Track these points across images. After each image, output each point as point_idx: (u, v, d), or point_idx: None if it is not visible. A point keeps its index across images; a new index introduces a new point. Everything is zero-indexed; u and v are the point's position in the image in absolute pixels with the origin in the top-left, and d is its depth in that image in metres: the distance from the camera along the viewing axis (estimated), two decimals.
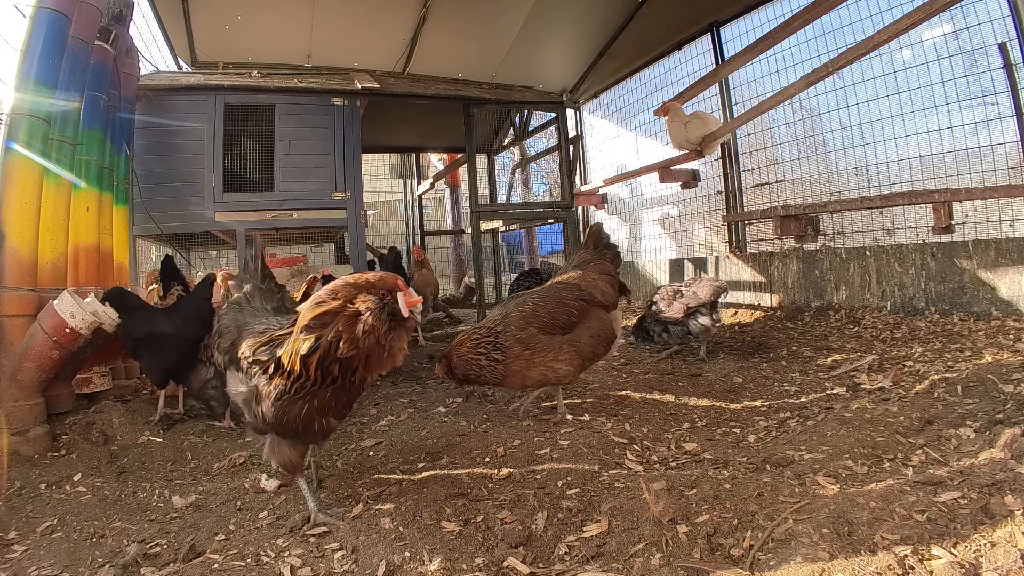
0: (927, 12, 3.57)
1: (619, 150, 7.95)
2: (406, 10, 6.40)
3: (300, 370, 1.68)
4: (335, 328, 1.65)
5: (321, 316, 1.67)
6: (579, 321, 2.81)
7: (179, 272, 3.99)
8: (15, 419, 2.56)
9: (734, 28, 5.92)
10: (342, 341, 1.64)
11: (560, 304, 2.80)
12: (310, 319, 1.68)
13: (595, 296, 2.89)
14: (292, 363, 1.68)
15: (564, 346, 2.72)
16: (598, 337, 2.84)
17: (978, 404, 2.31)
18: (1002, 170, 3.83)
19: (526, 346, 2.67)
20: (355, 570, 1.56)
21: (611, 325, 2.92)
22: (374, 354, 1.68)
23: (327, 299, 1.69)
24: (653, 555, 1.46)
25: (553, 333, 2.74)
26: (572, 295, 2.85)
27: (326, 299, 1.69)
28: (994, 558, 1.24)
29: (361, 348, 1.65)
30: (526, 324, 2.72)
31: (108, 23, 3.60)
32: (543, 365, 2.69)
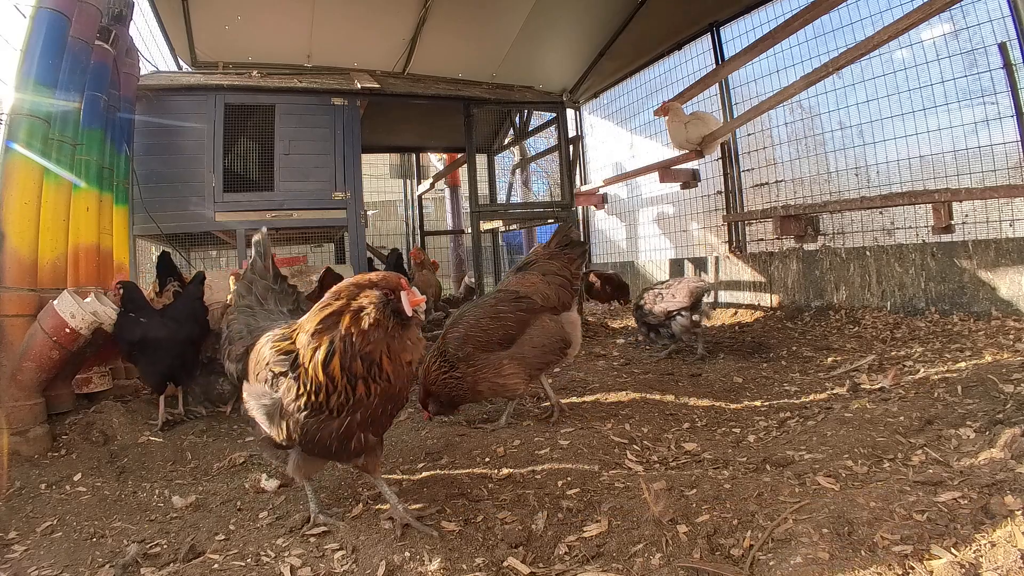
0: (927, 12, 3.57)
1: (619, 150, 7.95)
2: (406, 10, 6.40)
3: (324, 379, 1.61)
4: (343, 326, 1.62)
5: (327, 318, 1.64)
6: (519, 333, 2.71)
7: (176, 268, 3.98)
8: (15, 419, 2.56)
9: (734, 28, 5.92)
10: (354, 336, 1.61)
11: (495, 319, 2.71)
12: (316, 323, 1.65)
13: (536, 302, 2.76)
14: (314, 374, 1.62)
15: (505, 361, 2.67)
16: (545, 347, 2.73)
17: (978, 404, 2.31)
18: (1002, 170, 3.83)
19: (468, 364, 2.66)
20: (355, 570, 1.56)
21: (561, 331, 2.78)
22: (391, 346, 1.65)
23: (330, 301, 1.67)
24: (653, 555, 1.46)
25: (491, 350, 2.68)
26: (509, 307, 2.74)
27: (329, 301, 1.68)
28: (994, 558, 1.24)
29: (374, 341, 1.62)
30: (463, 343, 2.69)
31: (108, 23, 3.60)
32: (489, 381, 2.67)
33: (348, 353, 1.61)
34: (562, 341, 2.79)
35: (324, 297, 1.71)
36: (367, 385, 1.64)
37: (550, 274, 2.87)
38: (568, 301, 2.87)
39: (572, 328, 2.84)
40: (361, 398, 1.64)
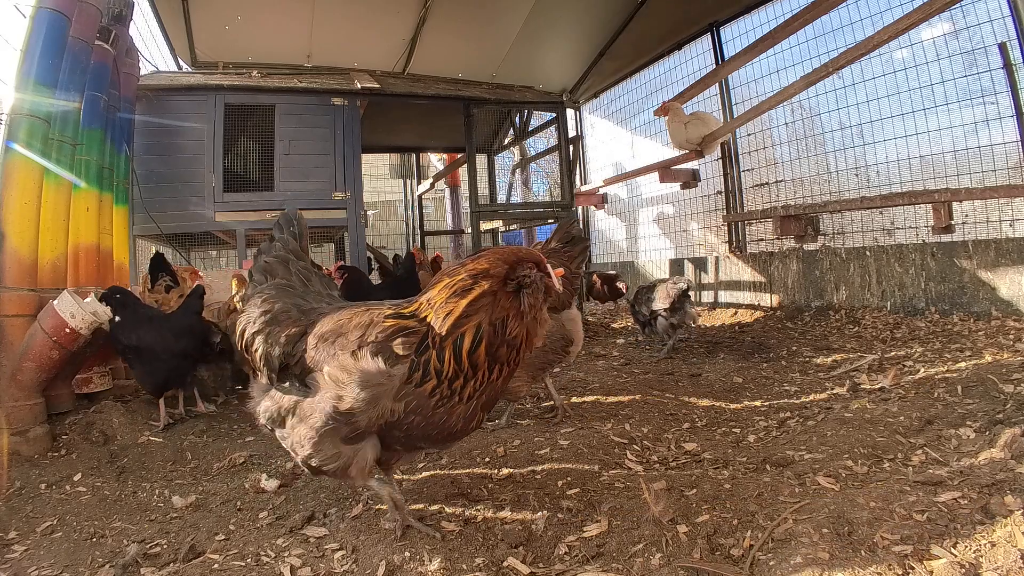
0: (927, 12, 3.57)
1: (619, 150, 7.95)
2: (406, 10, 6.40)
3: (467, 367, 1.47)
4: (496, 309, 1.48)
5: (477, 300, 1.48)
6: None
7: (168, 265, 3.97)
8: (15, 419, 2.56)
9: (734, 28, 5.92)
10: (509, 320, 1.48)
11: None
12: (465, 306, 1.48)
13: None
14: (453, 362, 1.46)
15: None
16: (546, 346, 2.67)
17: (978, 404, 2.31)
18: (1002, 170, 3.83)
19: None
20: (355, 570, 1.56)
21: (561, 328, 2.76)
22: (532, 329, 1.55)
23: (478, 279, 1.51)
24: (653, 555, 1.46)
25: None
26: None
27: (476, 279, 1.51)
28: (994, 558, 1.24)
29: (524, 324, 1.51)
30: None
31: (108, 23, 3.60)
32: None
33: (497, 339, 1.48)
34: (563, 339, 2.78)
35: (460, 273, 1.55)
36: (502, 370, 1.52)
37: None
38: (568, 299, 2.86)
39: (573, 325, 2.83)
40: (492, 382, 1.52)
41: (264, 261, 1.96)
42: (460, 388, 1.49)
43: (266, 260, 1.96)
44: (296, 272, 1.93)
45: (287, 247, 1.99)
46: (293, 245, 2.01)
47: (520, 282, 1.51)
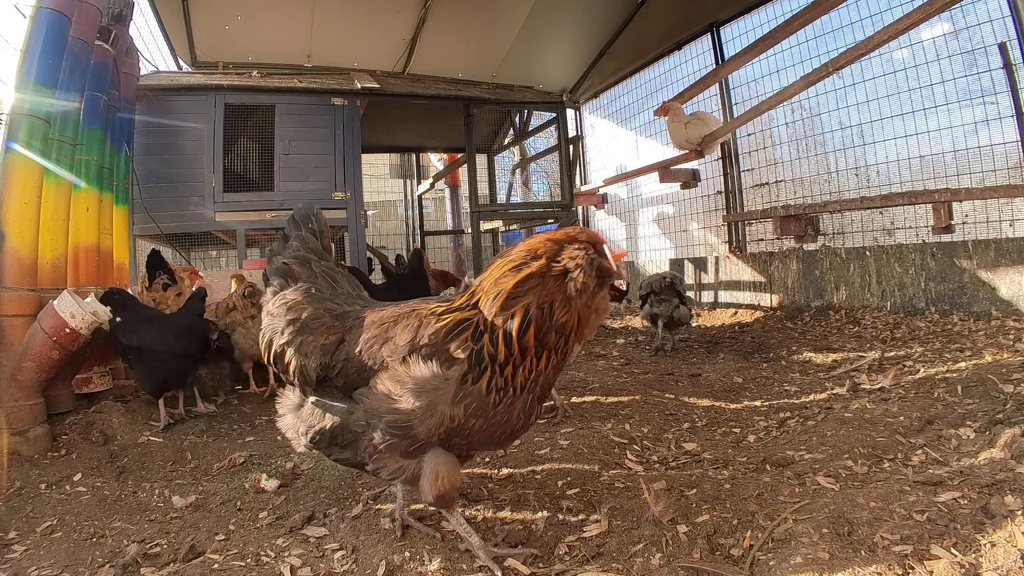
0: (927, 12, 3.57)
1: (619, 150, 7.95)
2: (406, 10, 6.41)
3: (516, 353, 1.38)
4: (543, 292, 1.39)
5: (524, 281, 1.40)
6: None
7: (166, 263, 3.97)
8: (15, 419, 2.56)
9: (734, 28, 5.92)
10: (555, 305, 1.39)
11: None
12: (512, 287, 1.39)
13: None
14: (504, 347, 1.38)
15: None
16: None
17: (978, 404, 2.31)
18: (1002, 170, 3.83)
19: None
20: (355, 570, 1.56)
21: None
22: (584, 316, 1.45)
23: (526, 260, 1.43)
24: (653, 555, 1.46)
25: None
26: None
27: (525, 260, 1.43)
28: (994, 558, 1.24)
29: (573, 310, 1.41)
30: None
31: (108, 23, 3.60)
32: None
33: (545, 324, 1.39)
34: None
35: (512, 254, 1.47)
36: (549, 358, 1.43)
37: None
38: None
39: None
40: (542, 371, 1.44)
41: (282, 263, 1.80)
42: (511, 377, 1.40)
43: (284, 262, 1.80)
44: (321, 273, 1.79)
45: (306, 246, 1.84)
46: (313, 243, 1.86)
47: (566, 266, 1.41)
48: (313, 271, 1.79)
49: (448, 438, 1.46)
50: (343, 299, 1.72)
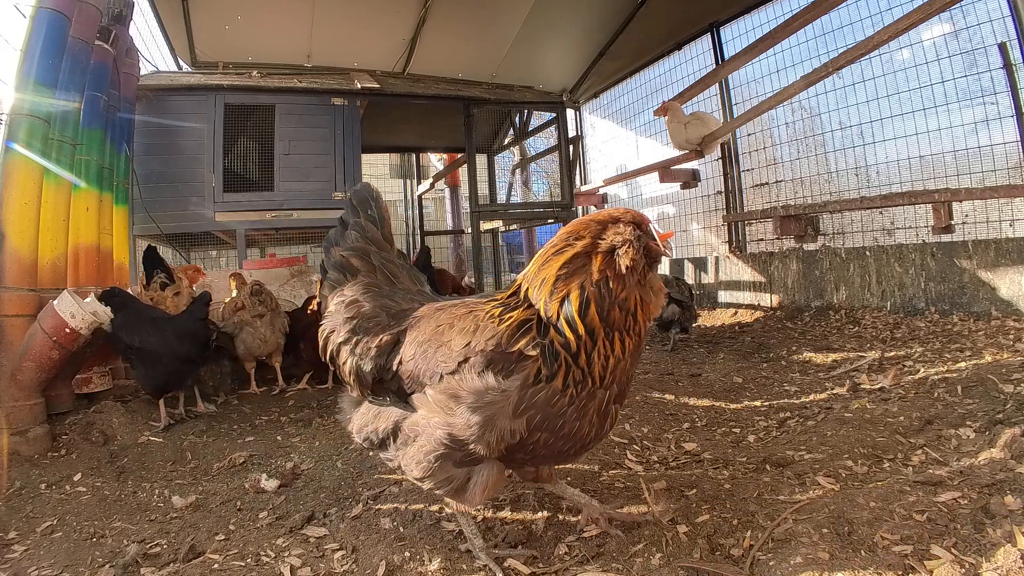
0: (927, 12, 3.56)
1: (619, 150, 7.95)
2: (406, 10, 6.41)
3: (584, 334, 1.31)
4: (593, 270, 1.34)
5: (571, 261, 1.36)
6: None
7: (162, 260, 3.97)
8: (15, 419, 2.56)
9: (734, 28, 5.92)
10: (610, 281, 1.33)
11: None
12: (558, 269, 1.35)
13: None
14: (570, 331, 1.32)
15: None
16: None
17: (978, 404, 2.31)
18: (1002, 170, 3.83)
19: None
20: (355, 570, 1.56)
21: None
22: (642, 295, 1.40)
23: (569, 241, 1.39)
24: (653, 555, 1.46)
25: None
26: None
27: (568, 241, 1.39)
28: (994, 558, 1.24)
29: (628, 287, 1.35)
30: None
31: (108, 23, 3.60)
32: None
33: (606, 300, 1.32)
34: None
35: (555, 240, 1.44)
36: (623, 341, 1.35)
37: None
38: None
39: None
40: (619, 357, 1.36)
41: (340, 256, 1.67)
42: (588, 366, 1.31)
43: (341, 254, 1.68)
44: (380, 266, 1.67)
45: (365, 235, 1.69)
46: (373, 232, 1.71)
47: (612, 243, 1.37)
48: (372, 264, 1.68)
49: (509, 454, 1.38)
50: (401, 296, 1.63)
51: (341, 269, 1.69)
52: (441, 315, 1.47)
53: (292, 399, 3.81)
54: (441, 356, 1.39)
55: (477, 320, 1.39)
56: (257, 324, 3.79)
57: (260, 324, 3.80)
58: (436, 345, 1.41)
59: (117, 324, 2.96)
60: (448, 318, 1.44)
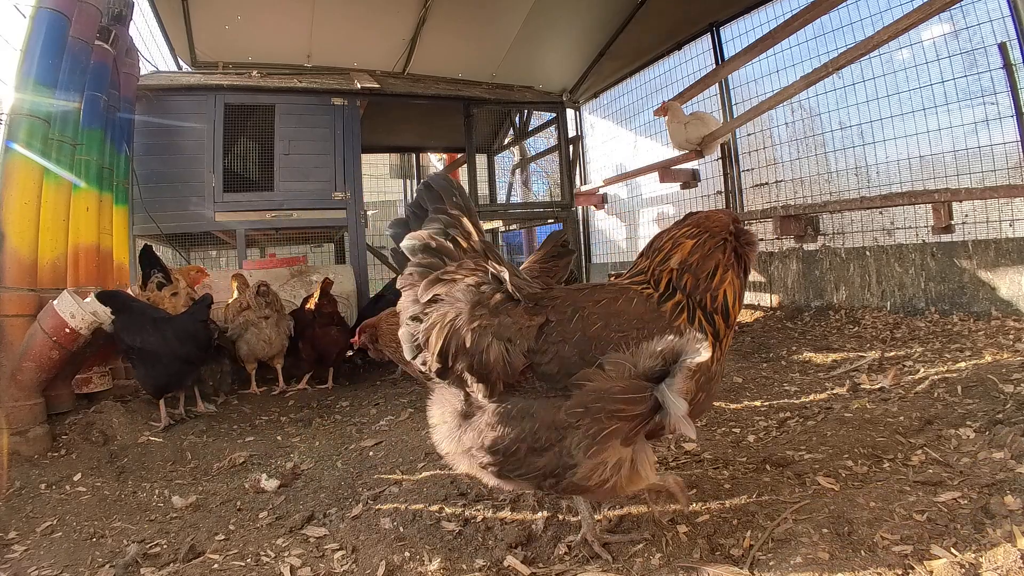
0: (927, 12, 3.56)
1: (619, 150, 7.95)
2: (406, 10, 6.40)
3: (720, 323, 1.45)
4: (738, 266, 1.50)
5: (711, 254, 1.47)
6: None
7: (159, 260, 3.96)
8: (15, 419, 2.56)
9: (734, 28, 5.92)
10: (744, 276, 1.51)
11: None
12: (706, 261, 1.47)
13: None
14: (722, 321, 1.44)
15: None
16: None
17: (978, 404, 2.31)
18: (1002, 170, 3.83)
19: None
20: (355, 570, 1.56)
21: None
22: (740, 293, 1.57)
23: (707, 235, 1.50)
24: (653, 555, 1.46)
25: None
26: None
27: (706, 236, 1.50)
28: (994, 558, 1.24)
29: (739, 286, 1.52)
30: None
31: (108, 23, 3.61)
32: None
33: (741, 293, 1.50)
34: None
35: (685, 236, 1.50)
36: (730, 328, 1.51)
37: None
38: None
39: None
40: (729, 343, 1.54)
41: (437, 240, 1.54)
42: (722, 353, 1.47)
43: (440, 237, 1.55)
44: (484, 251, 1.58)
45: (457, 222, 1.60)
46: (478, 243, 1.60)
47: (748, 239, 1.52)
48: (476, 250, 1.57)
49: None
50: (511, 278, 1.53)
51: (438, 254, 1.54)
52: (591, 294, 1.47)
53: (292, 399, 3.81)
54: (615, 326, 1.38)
55: (637, 294, 1.46)
56: (262, 326, 3.79)
57: (265, 326, 3.80)
58: (606, 317, 1.40)
59: (118, 325, 2.96)
60: (605, 295, 1.46)
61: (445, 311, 1.44)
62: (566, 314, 1.42)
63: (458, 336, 1.41)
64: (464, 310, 1.42)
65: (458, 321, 1.41)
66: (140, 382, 3.21)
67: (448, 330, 1.42)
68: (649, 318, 1.40)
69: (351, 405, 3.63)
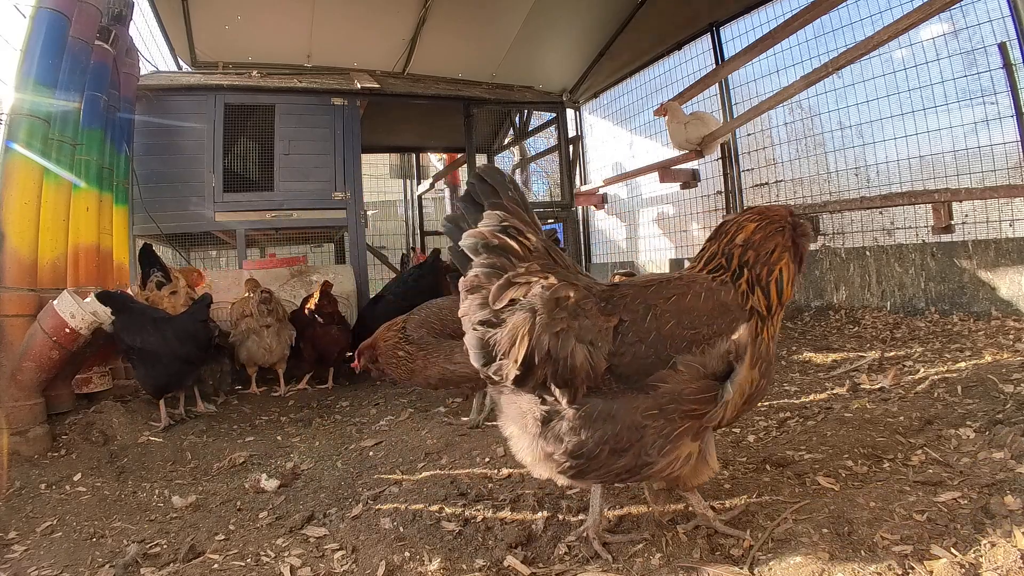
0: (927, 12, 3.56)
1: (619, 150, 7.95)
2: (406, 10, 6.40)
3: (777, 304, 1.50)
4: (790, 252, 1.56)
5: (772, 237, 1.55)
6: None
7: (159, 259, 3.95)
8: (15, 419, 2.56)
9: (734, 28, 5.92)
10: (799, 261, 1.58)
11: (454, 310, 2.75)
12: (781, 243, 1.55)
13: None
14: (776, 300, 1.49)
15: (456, 349, 2.66)
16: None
17: (978, 404, 2.31)
18: (1002, 170, 3.83)
19: (420, 347, 2.71)
20: (355, 570, 1.56)
21: None
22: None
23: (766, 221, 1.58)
24: (653, 555, 1.46)
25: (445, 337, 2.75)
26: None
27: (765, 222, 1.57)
28: (994, 558, 1.24)
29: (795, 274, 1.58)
30: (419, 327, 2.76)
31: (108, 23, 3.60)
32: (439, 366, 2.69)
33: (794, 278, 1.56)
34: None
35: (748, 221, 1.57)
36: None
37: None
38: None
39: None
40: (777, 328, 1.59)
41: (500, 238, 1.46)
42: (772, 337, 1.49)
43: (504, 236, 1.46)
44: (546, 248, 1.52)
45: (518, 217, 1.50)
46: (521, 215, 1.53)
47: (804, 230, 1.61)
48: (538, 247, 1.50)
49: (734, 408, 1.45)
50: (578, 276, 1.51)
51: (504, 253, 1.46)
52: (660, 291, 1.47)
53: (292, 399, 3.81)
54: (687, 324, 1.40)
55: (704, 286, 1.47)
56: (264, 334, 3.78)
57: (266, 334, 3.79)
58: (676, 315, 1.41)
59: (119, 325, 2.96)
60: (676, 289, 1.47)
61: (523, 316, 1.39)
62: (639, 313, 1.42)
63: (542, 342, 1.36)
64: (543, 314, 1.37)
65: (539, 326, 1.37)
66: (140, 382, 3.21)
67: (531, 336, 1.36)
68: (717, 313, 1.42)
69: (351, 405, 3.63)
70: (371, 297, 5.22)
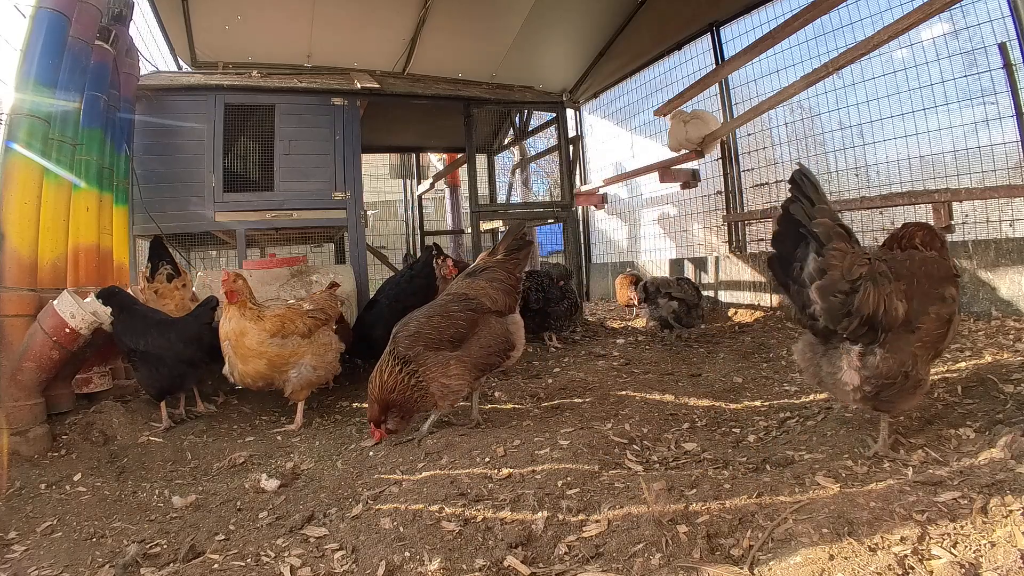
0: (927, 12, 3.56)
1: (619, 150, 7.95)
2: (406, 10, 6.40)
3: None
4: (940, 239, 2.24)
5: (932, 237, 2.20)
6: (469, 332, 2.74)
7: (169, 253, 3.93)
8: (15, 419, 2.56)
9: (734, 28, 5.92)
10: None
11: (445, 318, 2.73)
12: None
13: (484, 304, 2.82)
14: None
15: (452, 361, 2.66)
16: (491, 347, 2.77)
17: (978, 404, 2.31)
18: (1002, 170, 3.83)
19: (418, 363, 2.64)
20: (355, 570, 1.56)
21: (506, 331, 2.84)
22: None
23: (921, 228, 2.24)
24: (653, 555, 1.46)
25: (440, 349, 2.69)
26: (459, 307, 2.77)
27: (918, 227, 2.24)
28: (994, 558, 1.24)
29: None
30: (414, 342, 2.67)
31: (108, 23, 3.60)
32: (437, 381, 2.65)
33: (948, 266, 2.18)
34: (507, 343, 2.82)
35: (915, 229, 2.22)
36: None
37: (495, 281, 2.91)
38: (513, 305, 2.92)
39: (516, 329, 2.87)
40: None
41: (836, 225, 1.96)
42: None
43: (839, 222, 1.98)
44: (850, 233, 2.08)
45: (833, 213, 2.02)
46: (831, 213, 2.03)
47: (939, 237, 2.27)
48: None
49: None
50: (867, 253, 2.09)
51: (848, 238, 1.97)
52: (907, 263, 2.05)
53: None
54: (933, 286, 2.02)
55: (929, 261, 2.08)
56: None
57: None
58: (929, 281, 2.02)
59: (121, 328, 2.96)
60: (918, 264, 2.05)
61: (868, 286, 1.92)
62: (907, 278, 1.98)
63: (883, 302, 1.93)
64: (884, 283, 1.94)
65: (880, 291, 1.93)
66: (142, 384, 3.20)
67: (877, 298, 1.93)
68: (940, 276, 2.05)
69: (351, 405, 3.64)
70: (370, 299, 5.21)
